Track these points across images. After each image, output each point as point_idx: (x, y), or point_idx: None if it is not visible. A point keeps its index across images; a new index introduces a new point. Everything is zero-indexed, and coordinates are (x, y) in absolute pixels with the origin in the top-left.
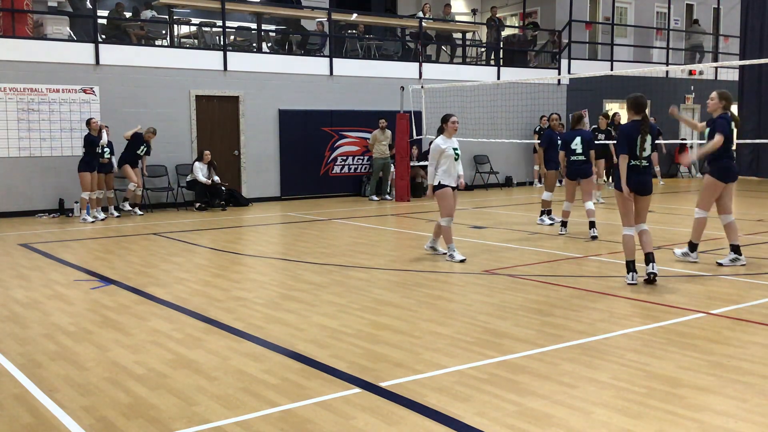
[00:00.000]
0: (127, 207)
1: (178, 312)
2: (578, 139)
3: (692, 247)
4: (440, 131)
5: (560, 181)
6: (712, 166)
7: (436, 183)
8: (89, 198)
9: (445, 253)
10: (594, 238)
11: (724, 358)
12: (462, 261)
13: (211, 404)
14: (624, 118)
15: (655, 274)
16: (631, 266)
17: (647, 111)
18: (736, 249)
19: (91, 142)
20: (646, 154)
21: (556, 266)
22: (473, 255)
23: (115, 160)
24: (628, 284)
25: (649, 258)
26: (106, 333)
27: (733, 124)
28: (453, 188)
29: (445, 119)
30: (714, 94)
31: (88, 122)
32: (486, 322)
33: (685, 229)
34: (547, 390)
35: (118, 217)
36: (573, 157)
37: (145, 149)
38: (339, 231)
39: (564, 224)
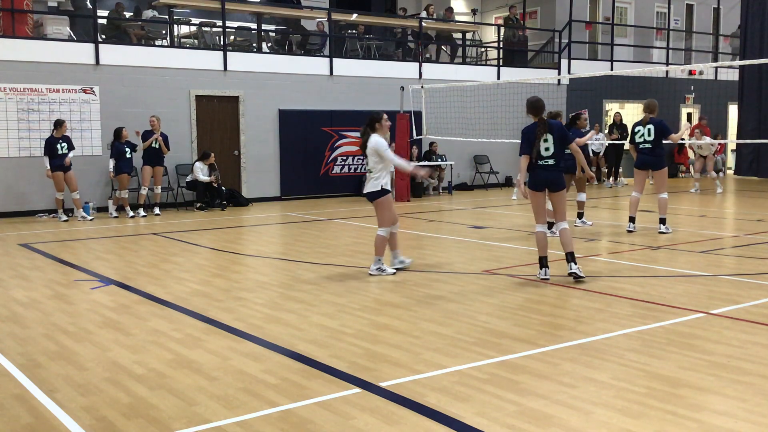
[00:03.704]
0: (131, 213)
1: (178, 312)
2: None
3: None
4: (371, 130)
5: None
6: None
7: (378, 188)
8: (68, 199)
9: (403, 263)
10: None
11: (724, 358)
12: (393, 273)
13: (211, 404)
14: (624, 117)
15: (575, 274)
16: (542, 262)
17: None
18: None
19: (50, 144)
20: (548, 153)
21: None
22: (473, 255)
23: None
24: (541, 279)
25: (568, 257)
26: (106, 333)
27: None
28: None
29: (379, 117)
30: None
31: (59, 123)
32: (486, 322)
33: (687, 229)
34: (547, 390)
35: (115, 217)
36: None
37: (155, 142)
38: (339, 231)
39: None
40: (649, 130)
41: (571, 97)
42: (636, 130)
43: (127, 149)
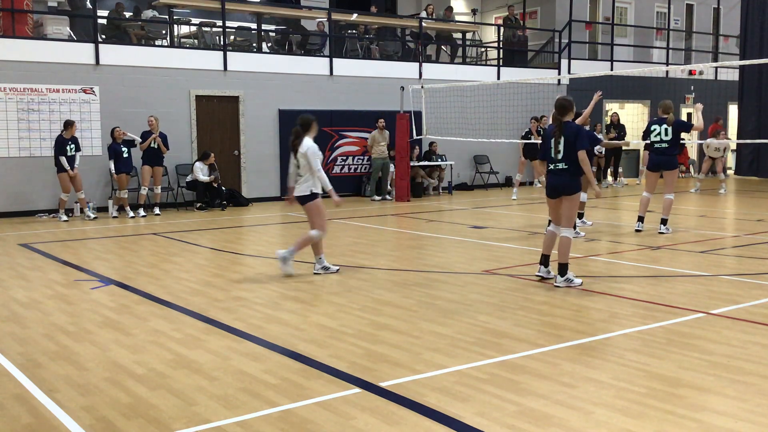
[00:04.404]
0: (131, 213)
1: (178, 312)
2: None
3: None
4: (304, 132)
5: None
6: None
7: (308, 192)
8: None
9: (328, 269)
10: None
11: (724, 358)
12: (337, 271)
13: (211, 404)
14: (623, 117)
15: (542, 278)
16: (543, 260)
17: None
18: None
19: (61, 144)
20: (559, 156)
21: (556, 266)
22: (473, 255)
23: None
24: (536, 274)
25: (558, 268)
26: (106, 333)
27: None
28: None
29: (313, 119)
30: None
31: (69, 124)
32: (486, 322)
33: (687, 229)
34: (547, 390)
35: (115, 217)
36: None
37: (154, 142)
38: (339, 231)
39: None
40: (666, 129)
41: (571, 97)
42: (652, 128)
43: (123, 149)
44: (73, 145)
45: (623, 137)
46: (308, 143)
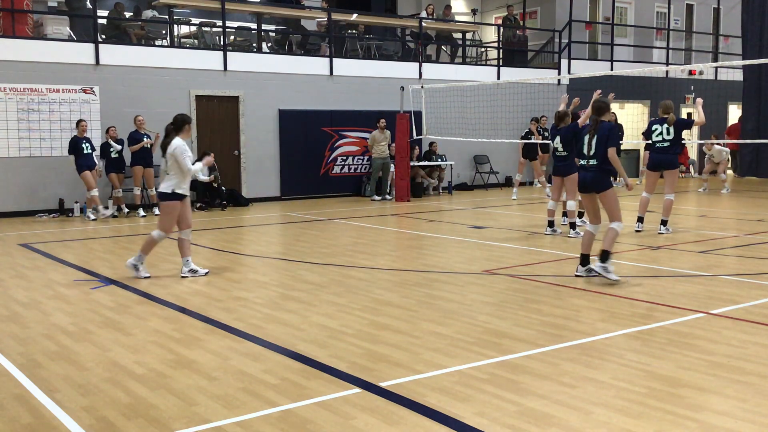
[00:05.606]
0: (126, 210)
1: (178, 312)
2: (558, 138)
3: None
4: (175, 132)
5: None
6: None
7: (169, 191)
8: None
9: (196, 272)
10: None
11: (724, 358)
12: (206, 273)
13: (211, 404)
14: (621, 118)
15: (579, 276)
16: (581, 260)
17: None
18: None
19: (74, 143)
20: (591, 153)
21: (556, 266)
22: (473, 255)
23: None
24: (575, 274)
25: (582, 258)
26: (106, 333)
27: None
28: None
29: (187, 120)
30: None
31: (78, 123)
32: (486, 322)
33: (687, 229)
34: (547, 390)
35: (115, 216)
36: (557, 154)
37: (149, 139)
38: (339, 231)
39: (551, 224)
40: (667, 129)
41: (571, 97)
42: (653, 128)
43: (111, 150)
44: (88, 144)
45: (621, 137)
46: (177, 143)
